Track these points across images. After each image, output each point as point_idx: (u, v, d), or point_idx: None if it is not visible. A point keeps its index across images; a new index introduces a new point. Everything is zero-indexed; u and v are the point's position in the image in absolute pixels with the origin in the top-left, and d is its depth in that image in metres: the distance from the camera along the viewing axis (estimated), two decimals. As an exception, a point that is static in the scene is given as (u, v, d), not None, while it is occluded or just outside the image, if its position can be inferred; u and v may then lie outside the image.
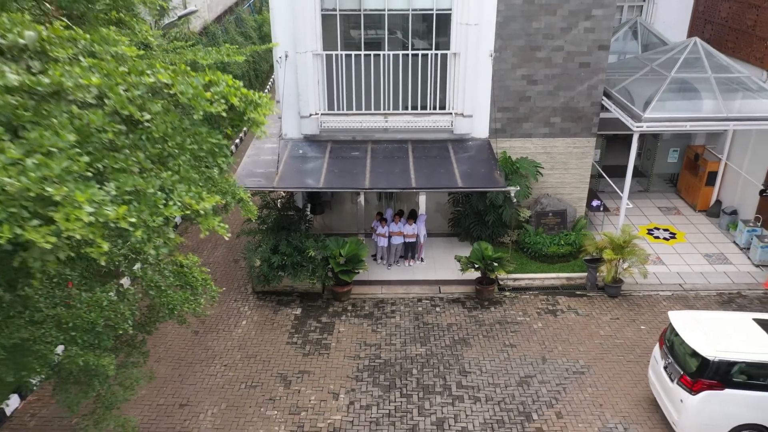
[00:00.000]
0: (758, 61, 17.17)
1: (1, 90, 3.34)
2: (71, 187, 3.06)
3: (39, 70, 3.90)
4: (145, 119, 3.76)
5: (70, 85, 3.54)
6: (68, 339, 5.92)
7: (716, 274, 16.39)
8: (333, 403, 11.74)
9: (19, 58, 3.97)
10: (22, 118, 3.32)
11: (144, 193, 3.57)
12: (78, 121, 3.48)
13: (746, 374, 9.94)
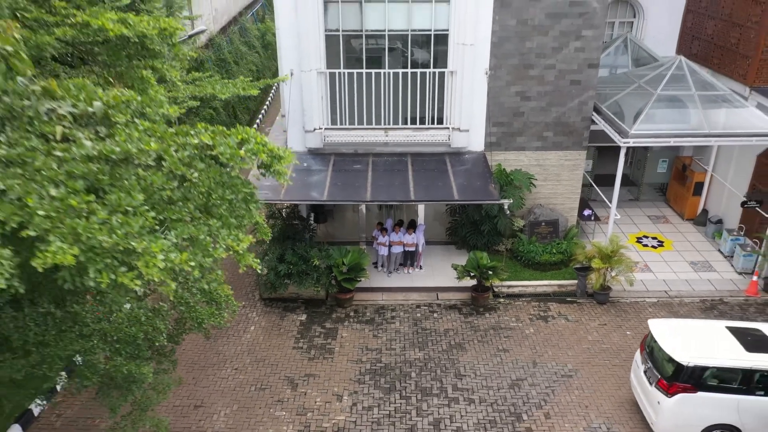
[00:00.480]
0: (741, 78, 18.08)
1: (84, 159, 4.25)
2: (148, 240, 3.95)
3: (105, 135, 4.82)
4: (193, 176, 4.66)
5: (135, 151, 4.44)
6: (113, 350, 6.83)
7: (700, 282, 17.31)
8: (337, 404, 12.66)
9: (88, 123, 4.89)
10: (103, 182, 4.21)
11: (197, 239, 4.47)
12: (143, 182, 4.38)
13: (717, 378, 10.86)
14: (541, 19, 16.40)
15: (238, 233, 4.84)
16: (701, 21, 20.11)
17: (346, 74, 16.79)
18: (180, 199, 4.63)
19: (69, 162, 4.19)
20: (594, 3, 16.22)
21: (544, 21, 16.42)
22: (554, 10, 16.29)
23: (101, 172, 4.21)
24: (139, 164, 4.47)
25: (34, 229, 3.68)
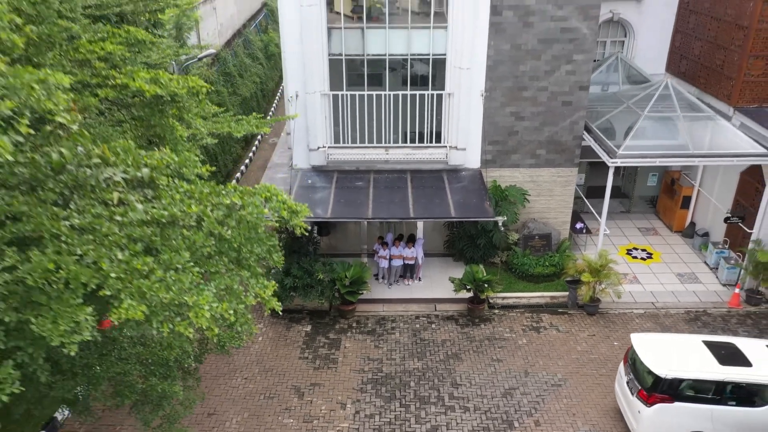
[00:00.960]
0: (726, 98, 19.01)
1: (139, 222, 5.18)
2: (196, 294, 4.87)
3: (152, 196, 5.76)
4: (227, 234, 5.60)
5: (179, 214, 5.37)
6: (148, 372, 7.77)
7: (686, 293, 18.26)
8: (341, 412, 13.62)
9: (137, 186, 5.83)
10: (156, 243, 5.14)
11: (231, 288, 5.40)
12: (188, 241, 5.31)
13: (693, 389, 11.82)
14: (533, 44, 17.34)
15: (263, 281, 5.78)
16: (689, 41, 21.05)
17: (348, 95, 17.73)
18: (216, 254, 5.57)
19: (127, 226, 5.13)
20: (584, 29, 17.16)
21: (536, 46, 17.36)
22: (546, 36, 17.22)
23: (154, 234, 5.14)
24: (183, 225, 5.41)
25: (109, 290, 4.62)
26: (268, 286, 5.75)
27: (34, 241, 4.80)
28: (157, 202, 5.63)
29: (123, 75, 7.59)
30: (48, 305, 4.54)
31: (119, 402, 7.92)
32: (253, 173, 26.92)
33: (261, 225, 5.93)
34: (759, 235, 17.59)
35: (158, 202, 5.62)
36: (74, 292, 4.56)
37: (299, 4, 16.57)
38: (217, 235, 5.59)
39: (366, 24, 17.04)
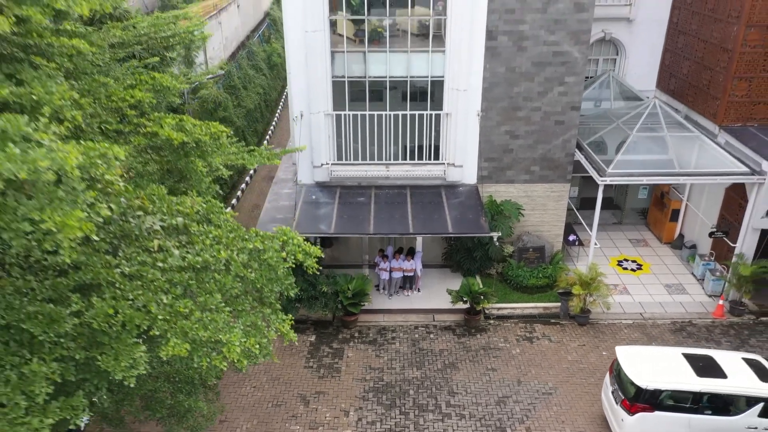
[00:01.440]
0: (712, 117, 19.94)
1: (178, 268, 6.12)
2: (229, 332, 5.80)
3: (186, 242, 6.70)
4: (251, 276, 6.52)
5: (211, 260, 6.31)
6: (175, 389, 8.70)
7: (673, 304, 19.20)
8: (344, 419, 14.56)
9: (172, 233, 6.77)
10: (192, 287, 6.07)
11: (256, 324, 6.32)
12: (219, 284, 6.24)
13: (672, 399, 12.76)
14: (527, 67, 18.27)
15: (282, 315, 6.72)
16: (678, 61, 21.98)
17: (350, 115, 18.67)
18: (242, 294, 6.52)
19: (168, 272, 6.07)
20: (575, 53, 18.09)
21: (530, 69, 18.29)
22: (539, 60, 18.16)
23: (191, 278, 6.08)
24: (214, 269, 6.35)
25: (158, 330, 5.55)
26: (286, 320, 6.70)
27: (94, 287, 5.73)
28: (190, 247, 6.56)
29: (152, 123, 8.53)
30: (110, 344, 5.47)
31: (150, 415, 8.86)
32: (257, 184, 27.85)
33: (280, 266, 6.88)
34: (742, 249, 18.53)
35: (192, 247, 6.55)
36: (130, 332, 5.49)
37: (304, 30, 17.50)
38: (242, 277, 6.53)
39: (368, 48, 17.97)
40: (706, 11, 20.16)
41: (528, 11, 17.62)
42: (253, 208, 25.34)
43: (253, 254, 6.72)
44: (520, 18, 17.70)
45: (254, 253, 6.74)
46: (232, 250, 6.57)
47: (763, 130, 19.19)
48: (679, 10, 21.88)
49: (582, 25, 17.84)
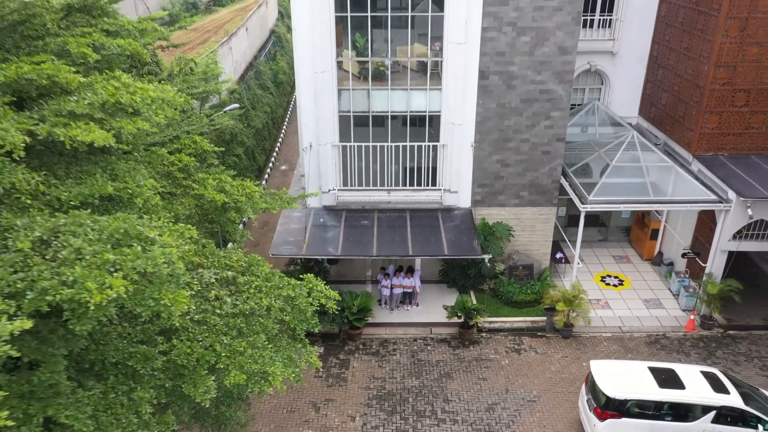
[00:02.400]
0: (687, 146, 21.97)
1: (231, 315, 8.13)
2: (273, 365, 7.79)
3: (235, 291, 8.73)
4: (287, 319, 8.53)
5: (256, 307, 8.33)
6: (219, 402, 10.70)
7: (650, 318, 21.24)
8: (351, 424, 16.61)
9: (224, 284, 8.81)
10: (243, 330, 8.07)
11: (291, 358, 8.31)
12: (263, 326, 8.25)
13: (637, 407, 14.80)
14: (516, 103, 20.30)
15: (310, 348, 8.76)
16: (657, 92, 24.01)
17: (355, 146, 20.70)
18: (279, 333, 8.55)
19: (224, 317, 8.11)
20: (560, 91, 20.12)
21: (519, 105, 20.32)
22: (527, 97, 20.18)
23: (242, 322, 8.12)
24: (258, 314, 8.38)
25: (222, 364, 7.57)
26: (312, 352, 8.73)
27: (172, 331, 7.75)
28: (239, 295, 8.60)
29: (198, 185, 10.56)
30: (189, 375, 7.47)
31: (199, 424, 10.88)
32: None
33: (309, 309, 8.89)
34: (711, 268, 20.58)
35: (240, 296, 8.59)
36: (202, 366, 7.50)
37: (313, 71, 19.53)
38: (280, 320, 8.56)
39: (371, 86, 20.00)
40: (681, 49, 22.18)
41: (516, 54, 19.63)
42: (263, 225, 27.38)
43: (287, 300, 8.74)
44: (509, 60, 19.72)
45: (288, 299, 8.76)
46: (271, 297, 8.59)
47: (732, 159, 21.20)
48: (659, 45, 23.89)
49: (565, 66, 19.86)
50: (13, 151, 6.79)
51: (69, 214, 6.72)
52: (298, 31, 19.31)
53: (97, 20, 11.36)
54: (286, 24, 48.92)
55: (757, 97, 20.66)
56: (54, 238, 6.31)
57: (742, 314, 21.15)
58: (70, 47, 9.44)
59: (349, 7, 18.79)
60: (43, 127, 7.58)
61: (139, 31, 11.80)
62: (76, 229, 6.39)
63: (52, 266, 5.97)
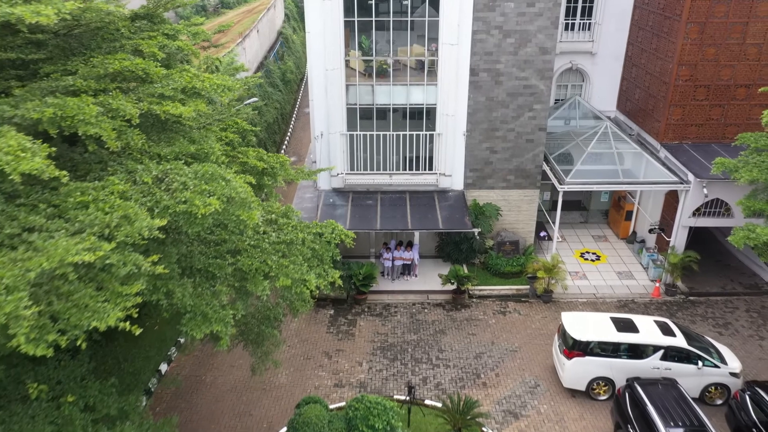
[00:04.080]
0: (656, 135, 25.20)
1: (276, 243, 11.33)
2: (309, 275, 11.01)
3: (277, 229, 11.96)
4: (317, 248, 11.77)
5: (294, 239, 11.53)
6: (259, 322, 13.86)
7: (621, 287, 24.45)
8: (359, 368, 19.79)
9: (270, 224, 12.05)
10: (285, 253, 11.28)
11: (321, 272, 11.52)
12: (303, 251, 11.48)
13: (599, 348, 17.97)
14: (503, 97, 23.53)
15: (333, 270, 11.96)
16: (632, 88, 27.27)
17: (361, 135, 23.92)
18: (312, 257, 11.75)
19: (273, 244, 11.32)
20: (541, 86, 23.36)
21: (505, 98, 23.56)
22: (513, 91, 23.42)
23: (284, 249, 11.32)
24: (296, 244, 11.59)
25: (273, 273, 10.76)
26: (335, 273, 11.91)
27: (238, 252, 10.96)
28: (280, 232, 11.83)
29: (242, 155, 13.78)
30: (251, 279, 10.61)
31: (244, 339, 14.06)
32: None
33: (332, 242, 12.07)
34: (675, 242, 23.80)
35: (281, 232, 11.82)
36: (259, 274, 10.65)
37: (325, 69, 22.77)
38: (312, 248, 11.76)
39: (375, 82, 23.24)
40: (651, 50, 25.44)
41: (503, 54, 22.88)
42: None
43: (316, 235, 11.91)
44: (496, 59, 22.96)
45: (317, 235, 11.94)
46: (305, 233, 11.79)
47: (694, 147, 24.42)
48: (633, 46, 27.16)
49: (546, 64, 23.10)
50: (131, 120, 10.00)
51: (171, 163, 9.95)
52: (312, 33, 22.56)
53: (158, 26, 14.60)
54: (292, 26, 52.21)
55: (716, 92, 23.88)
56: (165, 177, 9.52)
57: (702, 283, 24.37)
58: (143, 47, 12.65)
59: (355, 13, 22.05)
60: (144, 104, 10.78)
61: (192, 34, 15.05)
62: (179, 172, 9.60)
63: (167, 193, 9.18)
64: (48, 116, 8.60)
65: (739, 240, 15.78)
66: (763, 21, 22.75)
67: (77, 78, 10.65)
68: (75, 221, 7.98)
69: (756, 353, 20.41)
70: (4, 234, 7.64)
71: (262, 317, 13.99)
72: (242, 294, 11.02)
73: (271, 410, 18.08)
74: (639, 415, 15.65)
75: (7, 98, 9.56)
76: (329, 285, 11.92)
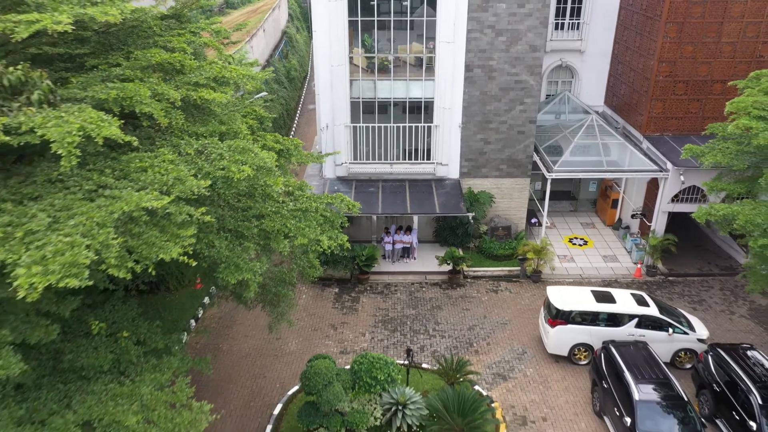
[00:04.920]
0: (639, 128, 27.29)
1: (294, 210, 13.41)
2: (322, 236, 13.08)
3: (294, 199, 14.07)
4: (329, 215, 13.86)
5: (308, 207, 13.62)
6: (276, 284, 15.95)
7: (606, 269, 26.53)
8: (362, 338, 21.87)
9: (288, 195, 14.16)
10: (301, 219, 13.37)
11: (331, 236, 13.63)
12: (316, 218, 13.56)
13: (579, 317, 20.04)
14: (496, 91, 25.63)
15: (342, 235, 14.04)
16: (617, 84, 29.37)
17: (364, 127, 26.02)
18: (324, 222, 13.82)
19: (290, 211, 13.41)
20: (531, 81, 25.46)
21: (498, 93, 25.66)
22: (505, 86, 25.51)
23: (301, 215, 13.40)
24: (310, 211, 13.67)
25: (292, 234, 12.83)
26: (344, 237, 13.98)
27: (261, 216, 13.05)
28: (296, 202, 13.92)
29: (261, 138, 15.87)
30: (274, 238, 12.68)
31: (263, 300, 16.15)
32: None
33: (342, 211, 14.16)
34: (655, 226, 25.89)
35: (297, 202, 13.91)
36: (280, 235, 12.71)
37: (330, 65, 24.87)
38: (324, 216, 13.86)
39: (377, 77, 25.34)
40: (635, 48, 27.55)
41: (495, 51, 24.98)
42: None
43: (328, 204, 13.99)
44: (490, 56, 25.06)
45: (328, 204, 14.02)
46: (318, 202, 13.88)
47: (674, 138, 26.52)
48: (619, 45, 29.28)
49: (535, 61, 25.20)
50: (173, 102, 12.07)
51: (208, 139, 12.03)
52: (318, 32, 24.67)
53: (185, 24, 16.67)
54: (296, 25, 54.36)
55: (694, 87, 25.99)
56: (204, 150, 11.61)
57: (681, 265, 26.46)
58: (173, 44, 14.72)
59: (359, 13, 24.15)
60: (182, 90, 12.86)
61: (215, 32, 17.15)
62: (215, 146, 11.69)
63: (207, 162, 11.27)
64: (113, 96, 10.69)
65: (701, 216, 17.88)
66: (737, 21, 24.86)
67: (125, 68, 12.74)
68: (138, 181, 10.07)
69: (726, 326, 22.49)
70: (84, 189, 9.72)
71: (278, 280, 16.07)
72: (266, 251, 13.11)
73: (283, 373, 20.16)
74: (612, 372, 17.72)
75: (74, 83, 11.64)
76: (333, 262, 13.94)
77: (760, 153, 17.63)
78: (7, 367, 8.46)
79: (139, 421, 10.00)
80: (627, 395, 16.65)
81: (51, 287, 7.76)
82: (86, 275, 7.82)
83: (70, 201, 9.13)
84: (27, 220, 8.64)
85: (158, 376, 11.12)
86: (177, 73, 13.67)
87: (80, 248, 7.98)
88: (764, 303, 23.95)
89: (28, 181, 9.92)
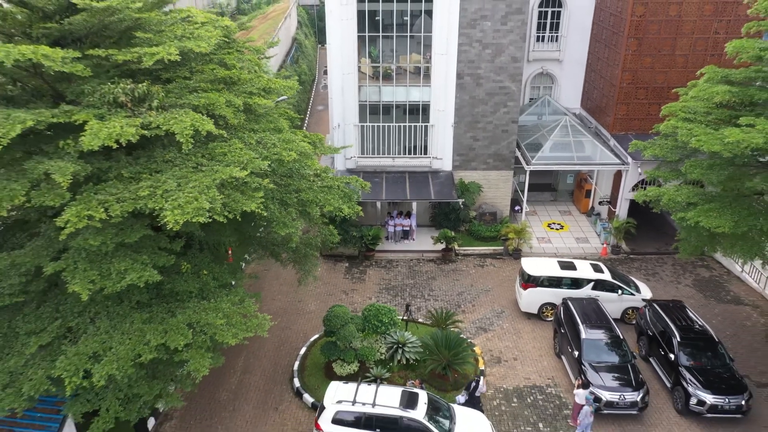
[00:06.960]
0: (607, 127, 32.51)
1: (321, 188, 18.62)
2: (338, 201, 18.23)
3: (321, 179, 19.34)
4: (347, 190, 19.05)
5: (331, 185, 18.81)
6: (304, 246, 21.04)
7: (577, 248, 31.74)
8: (369, 301, 27.04)
9: (316, 176, 19.44)
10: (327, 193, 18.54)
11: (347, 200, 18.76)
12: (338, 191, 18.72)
13: (546, 281, 25.22)
14: (483, 96, 30.86)
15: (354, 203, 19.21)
16: (591, 89, 34.61)
17: (370, 126, 31.26)
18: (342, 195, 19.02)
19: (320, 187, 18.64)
20: (513, 87, 30.69)
21: (484, 97, 30.89)
22: (491, 91, 30.75)
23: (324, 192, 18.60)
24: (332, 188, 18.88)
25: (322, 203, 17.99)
26: (359, 207, 19.14)
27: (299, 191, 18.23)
28: (323, 181, 19.17)
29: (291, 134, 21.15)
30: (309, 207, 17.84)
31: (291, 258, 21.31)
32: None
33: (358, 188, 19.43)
34: (619, 212, 31.11)
35: (323, 181, 19.16)
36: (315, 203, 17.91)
37: (342, 73, 30.13)
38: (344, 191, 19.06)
39: (381, 83, 30.57)
40: (604, 58, 32.79)
41: (482, 62, 30.21)
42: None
43: (346, 184, 19.22)
44: (477, 66, 30.30)
45: (347, 183, 19.25)
46: (338, 182, 19.08)
47: (637, 136, 31.67)
48: (592, 55, 34.53)
49: (516, 70, 30.43)
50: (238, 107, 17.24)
51: (263, 133, 17.24)
52: (332, 45, 29.92)
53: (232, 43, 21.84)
54: (305, 32, 59.62)
55: (653, 93, 31.20)
56: (261, 140, 16.80)
57: (642, 245, 31.67)
58: (227, 60, 19.90)
59: (366, 29, 29.38)
60: (241, 97, 18.04)
61: (255, 50, 22.39)
62: (269, 138, 16.89)
63: (264, 149, 16.46)
64: (203, 103, 15.89)
65: (638, 197, 23.08)
66: (687, 37, 30.10)
67: (199, 81, 17.94)
68: (223, 161, 15.27)
69: (672, 293, 27.68)
70: (188, 166, 14.91)
71: (307, 244, 21.31)
72: (303, 215, 18.32)
73: (305, 326, 25.39)
74: (569, 321, 22.90)
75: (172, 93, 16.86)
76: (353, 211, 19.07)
77: (684, 147, 22.76)
78: (152, 276, 13.69)
79: (223, 324, 15.19)
80: (577, 336, 21.85)
81: (178, 224, 12.96)
82: (207, 215, 13.01)
83: (185, 172, 14.34)
84: (161, 184, 13.85)
85: (232, 298, 16.28)
86: (233, 84, 18.88)
87: (201, 199, 13.18)
88: (707, 275, 29.16)
89: (150, 161, 15.13)
